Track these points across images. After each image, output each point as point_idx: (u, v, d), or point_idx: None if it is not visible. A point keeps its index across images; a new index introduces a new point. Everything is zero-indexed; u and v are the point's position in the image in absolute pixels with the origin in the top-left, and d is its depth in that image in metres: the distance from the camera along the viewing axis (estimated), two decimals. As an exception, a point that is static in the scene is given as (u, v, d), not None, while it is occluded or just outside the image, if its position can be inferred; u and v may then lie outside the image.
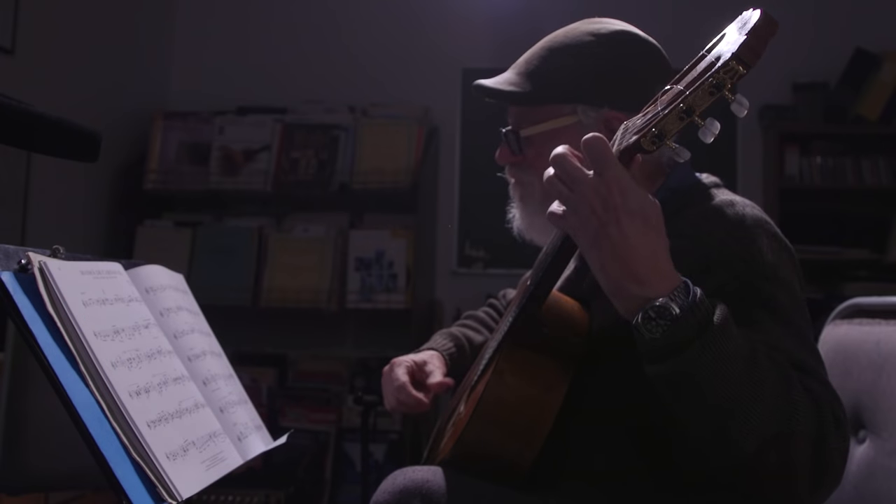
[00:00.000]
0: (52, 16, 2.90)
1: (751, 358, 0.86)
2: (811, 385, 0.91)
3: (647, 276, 0.86)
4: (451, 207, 3.61)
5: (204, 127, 3.42)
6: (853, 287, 3.16)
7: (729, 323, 0.87)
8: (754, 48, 0.79)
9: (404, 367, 1.41)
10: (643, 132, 0.85)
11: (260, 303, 3.28)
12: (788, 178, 3.35)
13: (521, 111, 1.28)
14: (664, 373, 0.87)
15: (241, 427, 1.03)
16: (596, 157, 0.86)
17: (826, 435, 0.88)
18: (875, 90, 3.32)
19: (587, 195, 0.87)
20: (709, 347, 0.84)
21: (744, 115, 0.81)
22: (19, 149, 0.96)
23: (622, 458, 1.09)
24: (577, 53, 1.22)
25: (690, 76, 0.84)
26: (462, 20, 3.61)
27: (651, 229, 0.87)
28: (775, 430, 0.85)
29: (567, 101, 1.22)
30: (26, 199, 2.74)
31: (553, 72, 1.23)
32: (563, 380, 1.08)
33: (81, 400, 0.76)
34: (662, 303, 0.85)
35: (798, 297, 1.04)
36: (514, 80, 1.27)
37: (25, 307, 0.77)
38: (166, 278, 1.06)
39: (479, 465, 1.08)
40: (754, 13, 0.82)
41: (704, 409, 0.86)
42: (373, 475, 2.88)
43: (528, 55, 1.28)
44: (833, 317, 1.45)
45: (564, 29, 1.28)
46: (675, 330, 0.85)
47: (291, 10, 3.69)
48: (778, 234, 1.09)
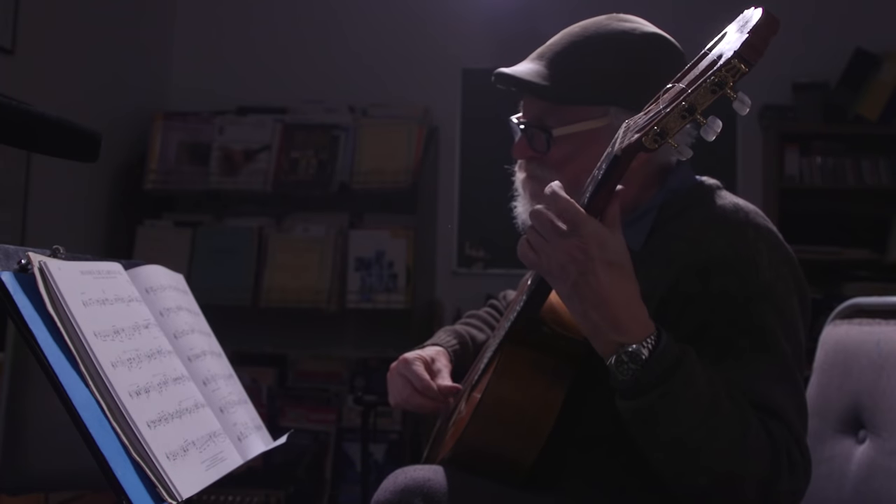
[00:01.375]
0: (52, 15, 2.90)
1: (710, 405, 0.93)
2: (772, 427, 0.97)
3: (625, 323, 0.92)
4: (451, 207, 3.61)
5: (204, 127, 3.42)
6: (853, 287, 3.16)
7: (693, 371, 0.93)
8: (756, 46, 0.79)
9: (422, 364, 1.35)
10: (645, 130, 0.84)
11: (260, 303, 3.28)
12: (788, 178, 3.35)
13: (548, 107, 1.19)
14: (628, 409, 0.94)
15: (241, 427, 1.03)
16: (567, 219, 0.91)
17: (777, 478, 0.95)
18: (875, 90, 3.32)
19: (567, 247, 0.90)
20: (669, 393, 0.91)
21: (746, 112, 0.81)
22: (19, 149, 0.96)
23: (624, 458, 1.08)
24: (611, 53, 1.17)
25: (692, 74, 0.84)
26: (462, 20, 3.61)
27: (626, 276, 0.92)
28: (725, 469, 0.94)
29: (600, 103, 1.16)
30: (26, 199, 2.74)
31: (587, 70, 1.17)
32: (564, 379, 1.09)
33: (81, 400, 0.76)
34: (635, 349, 0.92)
35: (789, 316, 1.06)
36: (543, 72, 1.19)
37: (25, 307, 0.77)
38: (166, 278, 1.06)
39: (481, 464, 1.08)
40: (756, 11, 0.82)
41: (660, 446, 0.95)
42: (373, 475, 2.88)
43: (557, 48, 1.21)
44: (833, 317, 1.45)
45: (594, 23, 1.22)
46: (642, 374, 0.92)
47: (292, 10, 3.69)
48: (780, 243, 1.10)
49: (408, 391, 1.33)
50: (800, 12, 3.32)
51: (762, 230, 1.08)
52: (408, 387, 1.33)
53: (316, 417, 3.30)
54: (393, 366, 1.39)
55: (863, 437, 1.30)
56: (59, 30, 2.94)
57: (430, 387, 1.31)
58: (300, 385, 3.40)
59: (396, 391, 1.37)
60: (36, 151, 1.00)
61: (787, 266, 1.08)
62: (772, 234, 1.09)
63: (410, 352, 1.40)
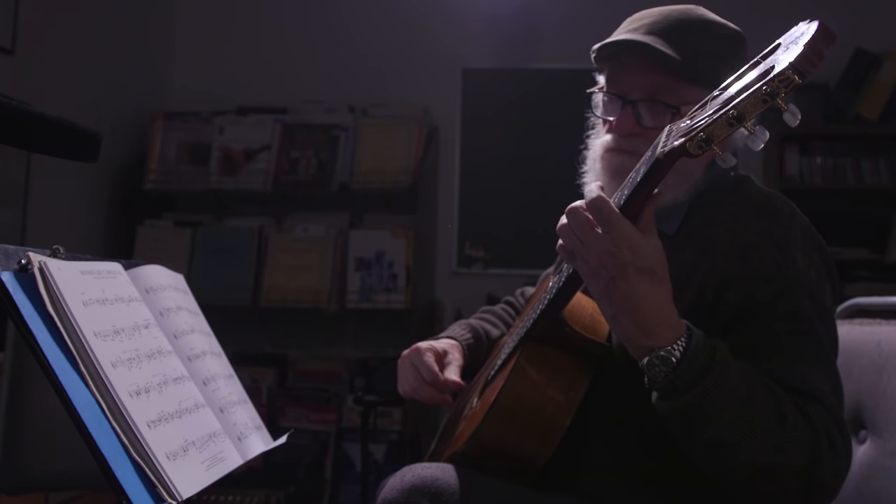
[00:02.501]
0: (53, 16, 2.90)
1: (746, 398, 0.93)
2: (810, 411, 0.97)
3: (654, 328, 0.92)
4: (451, 207, 3.61)
5: (204, 127, 3.42)
6: (853, 287, 3.16)
7: (726, 367, 0.93)
8: (812, 59, 0.79)
9: (432, 355, 1.35)
10: (690, 136, 0.82)
11: (260, 303, 3.28)
12: (788, 179, 3.35)
13: (665, 83, 1.14)
14: (665, 410, 0.95)
15: (241, 427, 1.03)
16: (602, 218, 0.90)
17: (819, 461, 0.94)
18: (875, 90, 3.32)
19: (598, 250, 0.91)
20: (704, 394, 0.91)
21: (796, 124, 0.81)
22: (19, 149, 0.96)
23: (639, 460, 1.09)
24: (719, 41, 1.16)
25: (742, 83, 0.83)
26: (462, 20, 3.61)
27: (657, 282, 0.92)
28: (764, 462, 0.93)
29: (708, 87, 1.09)
30: (26, 199, 2.74)
31: (705, 52, 1.14)
32: (583, 379, 1.08)
33: (81, 400, 0.76)
34: (665, 353, 0.92)
35: (823, 302, 1.06)
36: (663, 44, 1.14)
37: (25, 307, 0.77)
38: (166, 278, 1.06)
39: (493, 462, 1.08)
40: (812, 24, 0.82)
41: (700, 443, 0.95)
42: (373, 475, 2.88)
43: (665, 24, 1.16)
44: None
45: (688, 9, 1.18)
46: (674, 377, 0.92)
47: (291, 11, 3.69)
48: (814, 233, 1.11)
49: (417, 381, 1.33)
50: (800, 12, 3.31)
51: (797, 217, 1.10)
52: (417, 377, 1.33)
53: (316, 417, 3.30)
54: (405, 353, 1.39)
55: (863, 438, 1.30)
56: (59, 30, 2.93)
57: (439, 378, 1.31)
58: (300, 385, 3.40)
59: (405, 380, 1.37)
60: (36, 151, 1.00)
61: (819, 254, 1.09)
62: (805, 222, 1.11)
63: (424, 342, 1.40)
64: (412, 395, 1.35)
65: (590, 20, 3.30)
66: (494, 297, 3.25)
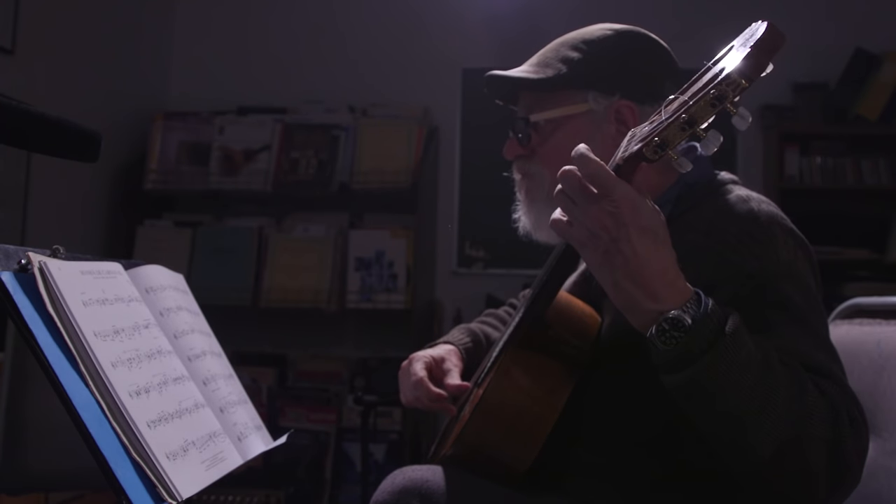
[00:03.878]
0: (53, 16, 2.90)
1: (763, 365, 0.87)
2: (826, 387, 0.92)
3: (661, 291, 0.87)
4: (451, 207, 3.61)
5: (204, 127, 3.42)
6: (853, 287, 3.16)
7: (741, 331, 0.87)
8: (758, 61, 0.77)
9: (422, 363, 1.37)
10: (646, 141, 0.83)
11: (260, 303, 3.28)
12: (788, 178, 3.35)
13: (531, 100, 1.25)
14: (679, 383, 0.88)
15: (241, 427, 1.03)
16: (600, 182, 0.86)
17: (842, 437, 0.89)
18: (875, 90, 3.32)
19: (597, 212, 0.86)
20: (721, 357, 0.85)
21: (745, 128, 0.79)
22: (19, 149, 0.96)
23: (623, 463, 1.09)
24: (590, 43, 1.22)
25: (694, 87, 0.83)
26: (462, 20, 3.61)
27: (661, 243, 0.87)
28: (790, 435, 0.87)
29: (579, 88, 1.21)
30: (26, 199, 2.74)
31: (565, 60, 1.22)
32: (567, 383, 1.08)
33: (81, 400, 0.76)
34: (676, 315, 0.86)
35: (813, 294, 1.04)
36: (525, 69, 1.26)
37: (25, 307, 0.77)
38: (166, 278, 1.06)
39: (479, 464, 1.08)
40: (761, 25, 0.80)
41: (719, 417, 0.88)
42: (373, 475, 2.88)
43: (542, 51, 1.28)
44: (833, 317, 1.45)
45: (579, 30, 1.28)
46: (687, 341, 0.86)
47: (291, 11, 3.69)
48: (793, 229, 1.09)
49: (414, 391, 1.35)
50: (800, 12, 3.32)
51: (775, 217, 1.08)
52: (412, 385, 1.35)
53: (316, 417, 3.30)
54: (403, 364, 1.41)
55: (863, 437, 1.30)
56: (59, 30, 2.93)
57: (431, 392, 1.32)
58: (300, 385, 3.40)
59: (405, 390, 1.40)
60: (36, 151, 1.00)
61: (802, 250, 1.07)
62: (785, 221, 1.09)
63: (421, 351, 1.42)
64: (414, 404, 1.37)
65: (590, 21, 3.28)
66: (494, 297, 3.26)
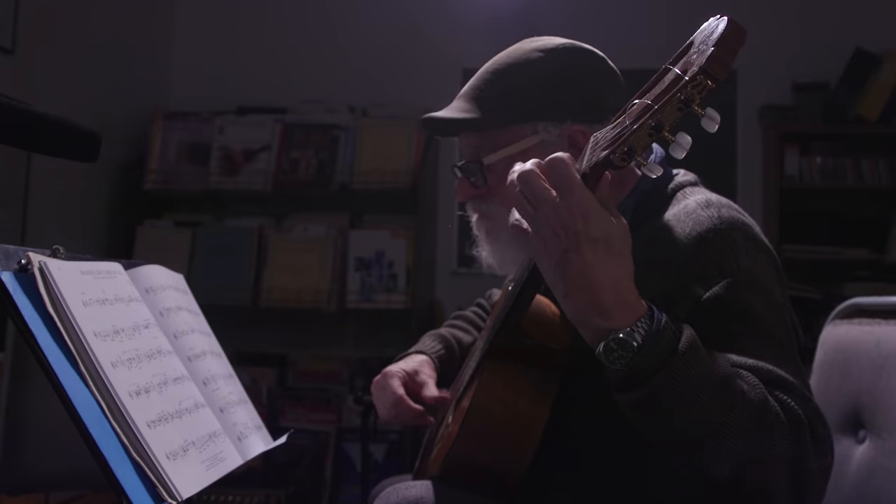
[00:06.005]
0: (52, 15, 2.90)
1: (721, 384, 0.85)
2: (788, 403, 0.90)
3: (610, 307, 0.84)
4: (451, 207, 3.61)
5: (204, 127, 3.42)
6: (853, 287, 3.16)
7: (694, 349, 0.85)
8: (723, 60, 0.74)
9: (398, 379, 1.34)
10: (613, 148, 0.80)
11: (260, 303, 3.28)
12: (788, 178, 3.34)
13: (478, 139, 1.21)
14: (630, 401, 0.86)
15: (241, 427, 1.03)
16: (559, 179, 0.83)
17: (804, 455, 0.88)
18: (875, 90, 3.32)
19: (549, 218, 0.83)
20: (674, 377, 0.83)
21: (715, 129, 0.76)
22: (19, 149, 0.96)
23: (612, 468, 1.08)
24: (527, 71, 1.18)
25: (657, 89, 0.79)
26: (462, 20, 3.61)
27: (614, 256, 0.84)
28: (749, 455, 0.85)
29: (527, 121, 1.16)
30: (26, 199, 2.74)
31: (507, 93, 1.17)
32: (548, 391, 1.07)
33: (81, 400, 0.76)
34: (624, 335, 0.83)
35: (776, 302, 1.01)
36: (465, 107, 1.21)
37: (25, 307, 0.77)
38: (166, 278, 1.06)
39: (470, 480, 1.07)
40: (721, 21, 0.77)
41: (674, 436, 0.86)
42: (373, 475, 2.88)
43: (475, 82, 1.23)
44: (833, 317, 1.45)
45: (506, 51, 1.23)
46: (637, 360, 0.83)
47: (291, 11, 3.69)
48: (756, 234, 1.06)
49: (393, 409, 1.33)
50: (800, 12, 3.32)
51: (736, 222, 1.05)
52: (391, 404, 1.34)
53: (316, 417, 3.30)
54: (376, 380, 1.39)
55: (862, 437, 1.30)
56: (59, 30, 2.93)
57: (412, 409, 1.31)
58: (300, 385, 3.40)
59: (382, 406, 1.37)
60: (36, 151, 1.00)
61: (765, 255, 1.05)
62: (746, 226, 1.06)
63: (392, 365, 1.40)
64: (392, 420, 1.35)
65: (590, 21, 3.30)
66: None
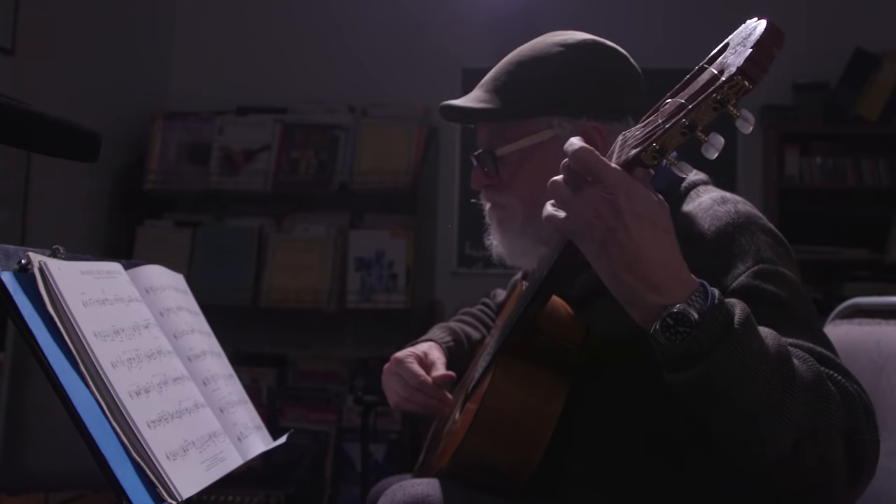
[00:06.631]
0: (52, 15, 2.90)
1: (777, 355, 0.83)
2: (837, 377, 0.89)
3: (663, 283, 0.82)
4: (451, 207, 3.61)
5: (204, 127, 3.42)
6: (853, 287, 3.16)
7: (751, 322, 0.83)
8: (760, 63, 0.73)
9: (415, 360, 1.33)
10: (644, 146, 0.80)
11: (260, 303, 3.28)
12: (788, 178, 3.35)
13: (494, 130, 1.22)
14: (687, 380, 0.83)
15: (241, 427, 1.03)
16: (590, 169, 0.82)
17: (858, 427, 0.86)
18: (875, 90, 3.32)
19: (593, 200, 0.82)
20: (734, 350, 0.80)
21: (749, 131, 0.76)
22: (19, 149, 0.96)
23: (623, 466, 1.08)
24: (547, 65, 1.19)
25: (692, 89, 0.79)
26: (462, 20, 3.61)
27: (661, 233, 0.83)
28: (810, 426, 0.83)
29: (542, 115, 1.18)
30: (26, 199, 2.74)
31: (525, 85, 1.19)
32: (561, 390, 1.07)
33: (81, 400, 0.76)
34: (680, 309, 0.81)
35: (800, 290, 1.01)
36: (483, 97, 1.22)
37: (25, 307, 0.77)
38: (166, 278, 1.06)
39: (478, 477, 1.07)
40: (759, 23, 0.76)
41: (733, 413, 0.83)
42: (373, 475, 2.88)
43: (496, 72, 1.24)
44: (833, 317, 1.45)
45: (529, 43, 1.24)
46: (696, 336, 0.81)
47: (291, 11, 3.69)
48: (772, 228, 1.07)
49: (407, 391, 1.31)
50: (800, 12, 3.32)
51: (752, 216, 1.06)
52: (405, 386, 1.32)
53: (316, 417, 3.30)
54: (386, 367, 1.37)
55: (863, 437, 1.30)
56: (59, 30, 2.93)
57: (427, 383, 1.29)
58: (300, 385, 3.40)
59: (393, 392, 1.35)
60: (36, 151, 1.00)
61: (783, 247, 1.05)
62: (762, 219, 1.07)
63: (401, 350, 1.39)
64: (404, 405, 1.33)
65: (590, 21, 3.28)
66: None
